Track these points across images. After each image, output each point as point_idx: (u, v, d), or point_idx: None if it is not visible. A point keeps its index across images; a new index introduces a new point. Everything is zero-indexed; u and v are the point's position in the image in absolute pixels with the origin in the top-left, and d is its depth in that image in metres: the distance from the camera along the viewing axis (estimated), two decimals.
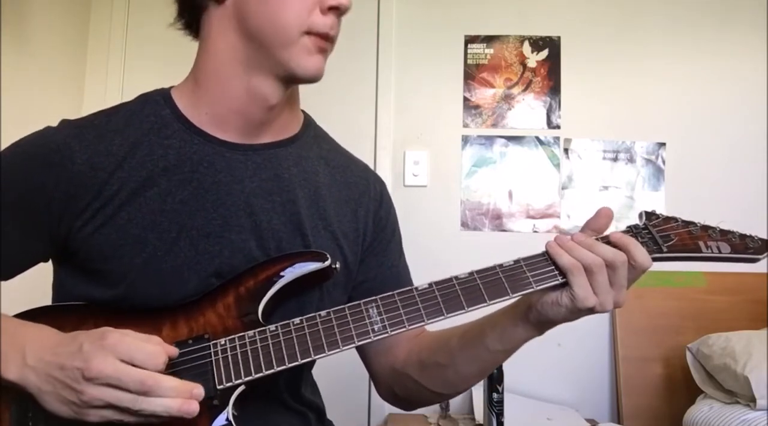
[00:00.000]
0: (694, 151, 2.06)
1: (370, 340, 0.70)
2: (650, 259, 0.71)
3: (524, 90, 2.09)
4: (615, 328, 1.96)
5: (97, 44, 2.10)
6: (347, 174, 0.92)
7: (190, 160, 0.79)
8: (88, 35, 2.10)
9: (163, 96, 0.83)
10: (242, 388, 0.69)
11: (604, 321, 1.99)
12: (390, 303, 0.72)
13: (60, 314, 0.74)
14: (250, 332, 0.71)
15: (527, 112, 2.09)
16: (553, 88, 2.09)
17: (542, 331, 0.76)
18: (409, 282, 0.94)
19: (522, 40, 2.10)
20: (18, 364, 0.65)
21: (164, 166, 0.78)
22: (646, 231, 0.76)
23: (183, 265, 0.76)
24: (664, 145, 2.07)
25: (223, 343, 0.71)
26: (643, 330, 1.94)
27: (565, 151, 2.07)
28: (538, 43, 2.10)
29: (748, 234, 0.76)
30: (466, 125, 2.09)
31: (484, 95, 2.09)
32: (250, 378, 0.68)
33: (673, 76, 2.08)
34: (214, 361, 0.69)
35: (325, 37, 0.78)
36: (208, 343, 0.71)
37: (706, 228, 0.76)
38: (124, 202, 0.76)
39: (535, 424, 1.72)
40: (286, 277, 0.76)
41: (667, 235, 0.75)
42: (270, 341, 0.70)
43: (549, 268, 0.72)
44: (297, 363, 0.69)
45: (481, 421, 1.59)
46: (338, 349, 0.70)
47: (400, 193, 2.03)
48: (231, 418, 0.67)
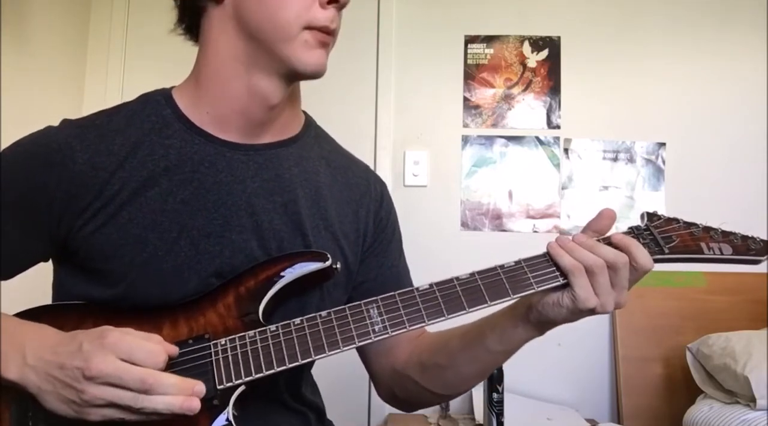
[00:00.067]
0: (694, 151, 2.06)
1: (370, 341, 0.70)
2: (652, 261, 0.71)
3: (524, 90, 2.09)
4: (615, 328, 1.96)
5: (97, 44, 2.10)
6: (348, 174, 0.92)
7: (191, 160, 0.79)
8: (88, 35, 2.10)
9: (164, 96, 0.83)
10: (242, 388, 0.69)
11: (604, 321, 1.99)
12: (391, 303, 0.72)
13: (60, 313, 0.74)
14: (251, 332, 0.71)
15: (527, 112, 2.09)
16: (553, 88, 2.09)
17: (543, 332, 0.76)
18: (410, 282, 0.94)
19: (522, 40, 2.10)
20: (18, 364, 0.65)
21: (165, 166, 0.78)
22: (648, 232, 0.76)
23: (183, 265, 0.76)
24: (664, 145, 2.07)
25: (223, 343, 0.71)
26: (643, 330, 1.94)
27: (565, 151, 2.07)
28: (538, 43, 2.10)
29: (750, 235, 0.76)
30: (466, 125, 2.09)
31: (484, 95, 2.09)
32: (250, 378, 0.68)
33: (673, 76, 2.08)
34: (214, 361, 0.69)
35: (326, 31, 0.77)
36: (208, 343, 0.71)
37: (708, 229, 0.76)
38: (125, 202, 0.76)
39: (535, 424, 1.72)
40: (287, 277, 0.76)
41: (668, 237, 0.75)
42: (270, 341, 0.70)
43: (550, 269, 0.72)
44: (297, 363, 0.69)
45: (481, 421, 1.59)
46: (339, 350, 0.70)
47: (400, 193, 2.03)
48: (231, 418, 0.67)
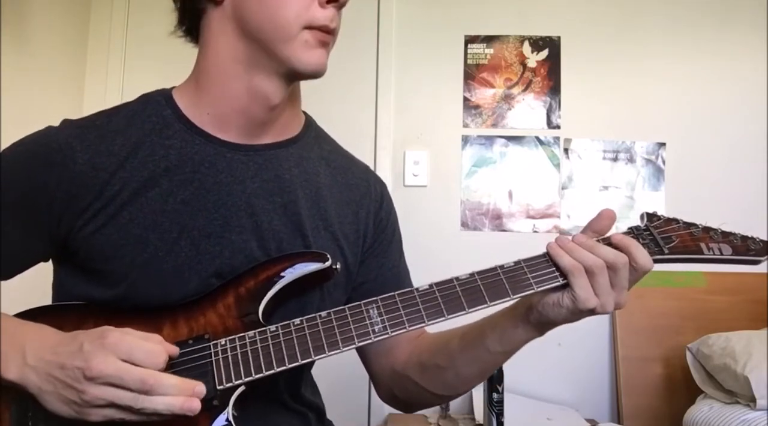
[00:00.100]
0: (694, 151, 2.06)
1: (370, 341, 0.70)
2: (651, 261, 0.71)
3: (524, 90, 2.09)
4: (615, 328, 1.96)
5: (97, 44, 2.10)
6: (348, 175, 0.92)
7: (191, 160, 0.79)
8: (88, 35, 2.10)
9: (164, 96, 0.83)
10: (242, 388, 0.69)
11: (604, 321, 1.99)
12: (390, 304, 0.72)
13: (60, 314, 0.74)
14: (251, 332, 0.71)
15: (527, 112, 2.09)
16: (553, 88, 2.09)
17: (543, 332, 0.76)
18: (410, 283, 0.94)
19: (522, 40, 2.10)
20: (18, 364, 0.65)
21: (166, 167, 0.78)
22: (648, 232, 0.75)
23: (184, 266, 0.76)
24: (664, 145, 2.07)
25: (223, 343, 0.70)
26: (643, 330, 1.94)
27: (565, 151, 2.07)
28: (538, 43, 2.10)
29: (750, 236, 0.76)
30: (466, 125, 2.09)
31: (484, 95, 2.09)
32: (250, 378, 0.68)
33: (673, 76, 2.08)
34: (214, 362, 0.69)
35: (326, 30, 0.77)
36: (208, 344, 0.71)
37: (708, 230, 0.76)
38: (126, 202, 0.76)
39: (535, 424, 1.72)
40: (287, 278, 0.75)
41: (668, 237, 0.75)
42: (270, 342, 0.70)
43: (550, 270, 0.72)
44: (297, 363, 0.69)
45: (481, 421, 1.59)
46: (338, 350, 0.70)
47: (400, 193, 2.03)
48: (231, 419, 0.67)
